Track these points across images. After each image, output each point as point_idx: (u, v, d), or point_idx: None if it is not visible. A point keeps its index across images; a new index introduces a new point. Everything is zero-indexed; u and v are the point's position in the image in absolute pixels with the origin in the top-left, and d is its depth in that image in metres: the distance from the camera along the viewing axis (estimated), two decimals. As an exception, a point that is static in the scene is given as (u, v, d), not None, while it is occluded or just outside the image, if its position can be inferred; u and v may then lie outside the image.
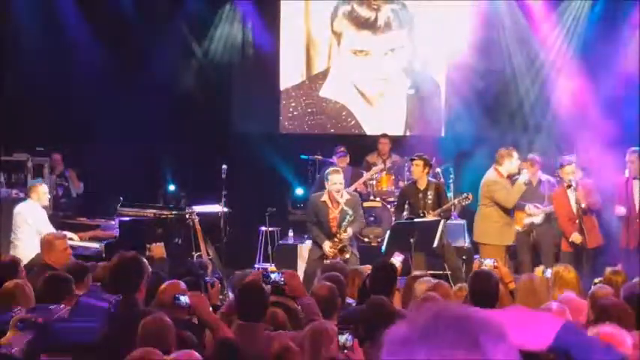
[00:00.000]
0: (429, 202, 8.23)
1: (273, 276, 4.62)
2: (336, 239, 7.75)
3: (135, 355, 3.26)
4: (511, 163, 8.16)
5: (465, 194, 8.36)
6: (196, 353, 3.40)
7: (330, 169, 8.04)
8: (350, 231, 7.74)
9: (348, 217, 7.69)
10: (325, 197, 7.87)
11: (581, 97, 10.48)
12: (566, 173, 8.32)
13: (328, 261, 7.59)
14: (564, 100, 10.65)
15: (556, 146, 10.02)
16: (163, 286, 4.55)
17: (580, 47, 10.82)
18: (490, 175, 8.22)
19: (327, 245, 7.74)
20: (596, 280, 5.73)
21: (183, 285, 4.56)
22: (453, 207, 8.38)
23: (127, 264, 4.25)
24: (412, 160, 8.47)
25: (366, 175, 10.23)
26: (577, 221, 8.24)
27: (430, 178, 8.48)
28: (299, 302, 4.57)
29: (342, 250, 7.74)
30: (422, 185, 8.33)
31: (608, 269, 6.04)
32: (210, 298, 4.95)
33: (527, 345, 1.93)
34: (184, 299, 4.16)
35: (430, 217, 8.12)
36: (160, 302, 4.48)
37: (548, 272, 7.31)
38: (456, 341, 1.34)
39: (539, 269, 7.58)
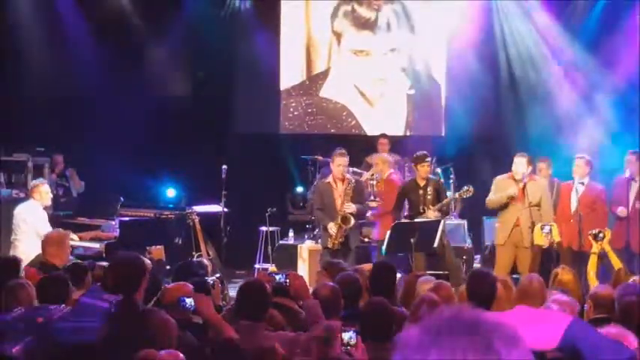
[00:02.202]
0: (429, 197, 8.24)
1: (277, 277, 4.60)
2: (339, 214, 7.88)
3: (139, 357, 3.25)
4: (515, 166, 8.08)
5: (465, 187, 8.33)
6: (180, 354, 3.39)
7: (337, 151, 8.20)
8: (353, 206, 7.87)
9: (351, 184, 7.90)
10: (330, 179, 8.14)
11: (583, 96, 10.48)
12: (575, 166, 8.26)
13: (332, 242, 7.78)
14: (566, 99, 10.65)
15: (557, 145, 10.02)
16: (169, 287, 4.54)
17: (582, 46, 10.81)
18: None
19: (331, 225, 7.88)
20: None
21: (189, 287, 4.53)
22: (454, 201, 8.36)
23: (129, 264, 4.25)
24: (420, 162, 8.38)
25: (363, 177, 10.21)
26: (571, 221, 8.15)
27: (430, 176, 8.50)
28: (302, 303, 4.55)
29: (344, 219, 7.85)
30: (422, 182, 8.35)
31: (619, 269, 6.02)
32: (212, 298, 4.94)
33: (537, 344, 1.92)
34: (190, 302, 4.14)
35: (430, 213, 8.11)
36: (163, 303, 4.47)
37: (547, 228, 7.27)
38: (470, 346, 1.33)
39: (537, 226, 7.53)
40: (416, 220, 8.13)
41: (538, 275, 5.26)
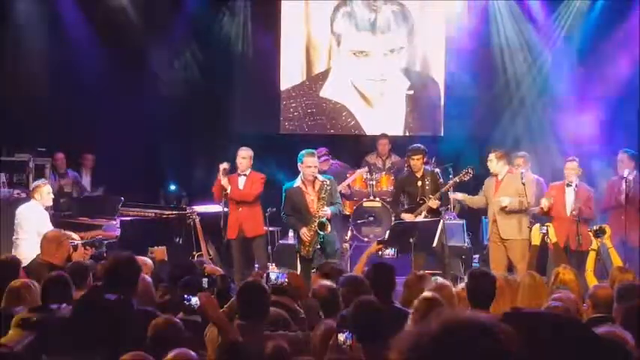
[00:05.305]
0: (427, 187, 8.27)
1: (275, 276, 4.62)
2: (314, 218, 7.54)
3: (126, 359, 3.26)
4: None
5: (465, 169, 8.33)
6: (191, 352, 3.41)
7: (305, 151, 7.80)
8: (328, 210, 7.54)
9: (326, 187, 7.55)
10: (299, 182, 7.67)
11: (582, 96, 10.50)
12: (567, 169, 8.29)
13: (306, 250, 7.55)
14: (565, 100, 10.67)
15: (557, 146, 10.05)
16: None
17: (580, 46, 10.84)
18: None
19: (303, 230, 7.54)
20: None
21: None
22: (454, 184, 8.31)
23: (122, 264, 4.23)
24: (411, 155, 8.44)
25: (347, 180, 10.22)
26: (568, 215, 8.17)
27: (426, 167, 8.53)
28: (301, 303, 4.57)
29: (322, 226, 7.50)
30: (419, 174, 8.38)
31: (616, 267, 6.04)
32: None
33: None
34: (194, 300, 4.15)
35: (432, 202, 8.13)
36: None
37: (544, 228, 7.34)
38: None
39: (535, 226, 7.58)
40: (416, 220, 8.17)
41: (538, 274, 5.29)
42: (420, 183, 8.32)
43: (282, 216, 7.93)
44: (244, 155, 8.61)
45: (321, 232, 7.51)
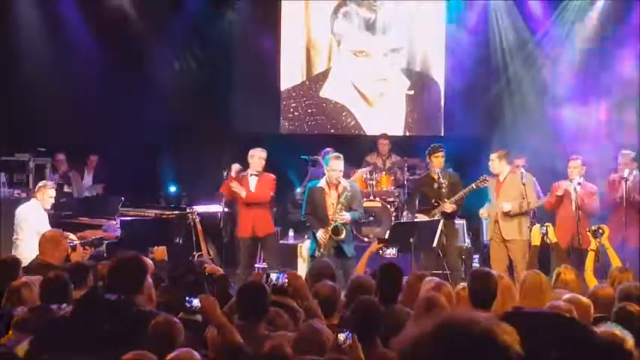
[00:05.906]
0: (444, 190, 8.14)
1: (276, 276, 4.62)
2: (330, 222, 7.48)
3: (128, 358, 3.26)
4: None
5: (481, 177, 8.25)
6: (195, 352, 3.41)
7: (332, 154, 7.79)
8: (347, 215, 7.50)
9: (346, 193, 7.49)
10: (323, 183, 7.64)
11: (582, 96, 10.51)
12: (571, 167, 8.28)
13: (320, 252, 7.46)
14: (565, 100, 10.68)
15: (557, 146, 10.05)
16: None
17: (580, 47, 10.84)
18: None
19: (320, 232, 7.50)
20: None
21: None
22: (470, 191, 8.24)
23: (128, 264, 4.21)
24: (434, 153, 8.32)
25: (357, 174, 10.21)
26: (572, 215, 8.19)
27: (448, 170, 8.47)
28: (301, 303, 4.57)
29: (336, 231, 7.44)
30: (436, 176, 8.26)
31: (615, 267, 6.04)
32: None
33: None
34: (196, 302, 4.14)
35: (447, 205, 8.01)
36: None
37: (543, 229, 7.34)
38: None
39: (536, 226, 7.58)
40: (416, 220, 8.15)
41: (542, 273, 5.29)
42: (436, 185, 8.21)
43: (302, 215, 7.91)
44: (263, 156, 8.44)
45: (335, 237, 7.45)
